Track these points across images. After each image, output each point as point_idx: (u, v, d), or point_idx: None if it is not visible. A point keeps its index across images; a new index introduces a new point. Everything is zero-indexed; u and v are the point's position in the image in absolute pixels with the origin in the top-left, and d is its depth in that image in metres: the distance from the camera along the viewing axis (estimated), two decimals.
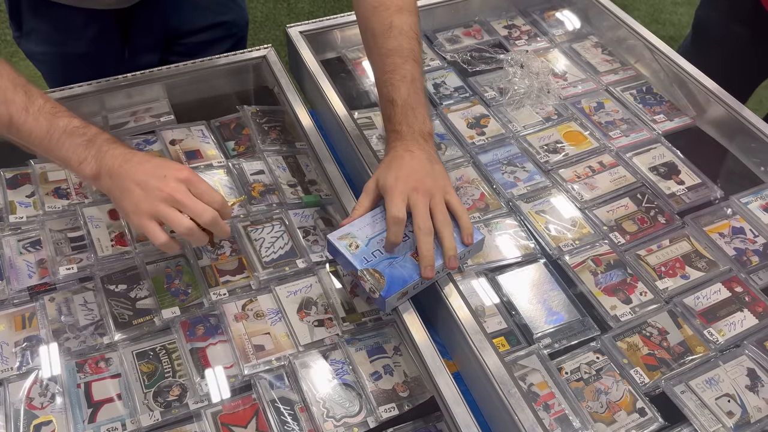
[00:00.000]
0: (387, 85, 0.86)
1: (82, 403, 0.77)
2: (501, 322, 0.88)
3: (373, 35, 0.89)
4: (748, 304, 0.90)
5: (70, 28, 0.75)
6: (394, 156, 0.82)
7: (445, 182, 0.82)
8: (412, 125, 0.84)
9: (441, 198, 0.80)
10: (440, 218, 0.79)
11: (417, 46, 0.89)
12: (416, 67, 0.87)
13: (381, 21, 0.89)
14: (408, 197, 0.79)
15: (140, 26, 1.11)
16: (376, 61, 0.89)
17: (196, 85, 1.17)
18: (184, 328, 0.84)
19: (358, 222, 0.83)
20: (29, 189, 0.99)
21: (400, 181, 0.79)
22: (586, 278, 0.93)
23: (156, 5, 1.09)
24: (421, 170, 0.81)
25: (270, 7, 2.93)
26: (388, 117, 0.86)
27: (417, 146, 0.83)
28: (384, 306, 0.79)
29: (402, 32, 0.88)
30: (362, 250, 0.80)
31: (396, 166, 0.81)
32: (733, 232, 0.99)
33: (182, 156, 1.05)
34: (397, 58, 0.86)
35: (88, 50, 1.05)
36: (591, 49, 1.31)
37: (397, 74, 0.86)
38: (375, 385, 0.80)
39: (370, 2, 0.90)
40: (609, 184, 1.05)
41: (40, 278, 0.89)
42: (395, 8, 0.89)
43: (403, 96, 0.85)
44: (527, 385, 0.81)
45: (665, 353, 0.85)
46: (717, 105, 1.13)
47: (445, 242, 0.79)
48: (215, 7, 1.18)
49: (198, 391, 0.79)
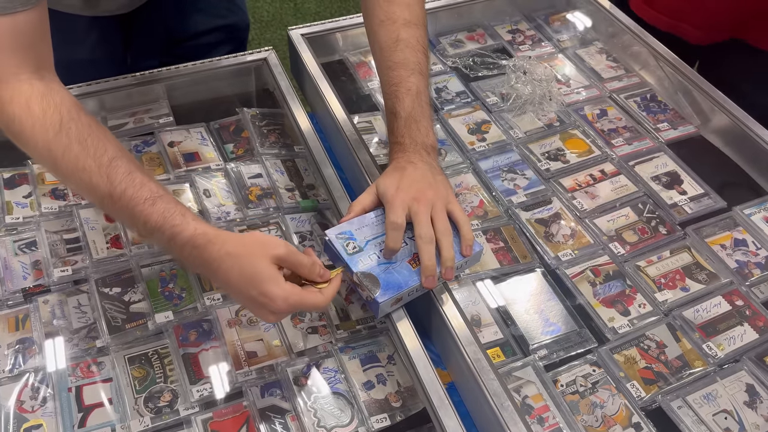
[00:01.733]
0: (392, 98, 0.86)
1: (73, 408, 0.77)
2: (497, 332, 0.87)
3: (380, 48, 0.89)
4: (749, 318, 0.89)
5: (71, 34, 0.74)
6: (395, 167, 0.82)
7: (447, 192, 0.82)
8: (415, 137, 0.83)
9: (442, 207, 0.80)
10: (441, 227, 0.79)
11: (424, 59, 0.89)
12: (422, 80, 0.86)
13: (388, 34, 0.88)
14: (409, 207, 0.78)
15: (141, 31, 1.11)
16: (383, 74, 0.88)
17: (197, 87, 1.16)
18: (177, 333, 0.84)
19: (357, 222, 0.82)
20: (26, 189, 0.99)
21: (401, 191, 0.78)
22: (585, 289, 0.91)
23: (157, 10, 1.08)
24: (423, 181, 0.80)
25: (276, 7, 2.93)
26: (392, 129, 0.86)
27: (419, 158, 0.82)
28: (377, 311, 0.78)
29: (409, 45, 0.87)
30: (360, 253, 0.79)
31: (397, 177, 0.80)
32: (735, 244, 0.98)
33: (180, 158, 1.05)
34: (402, 71, 0.86)
35: (90, 56, 1.05)
36: (595, 55, 1.30)
37: (403, 87, 0.85)
38: (367, 394, 0.79)
39: (378, 16, 0.89)
40: (610, 193, 1.04)
41: (34, 280, 0.89)
42: (402, 21, 0.88)
43: (407, 108, 0.84)
44: (522, 398, 0.80)
45: (663, 367, 0.83)
46: (722, 114, 1.11)
47: (444, 252, 0.78)
48: (216, 11, 1.18)
49: (189, 397, 0.78)
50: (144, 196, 0.72)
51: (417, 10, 0.91)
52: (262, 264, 0.69)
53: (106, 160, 0.72)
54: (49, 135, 0.72)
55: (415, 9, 0.90)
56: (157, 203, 0.72)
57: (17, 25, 0.71)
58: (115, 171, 0.72)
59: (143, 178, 0.73)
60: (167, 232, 0.72)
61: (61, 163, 0.73)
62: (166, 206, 0.72)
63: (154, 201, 0.72)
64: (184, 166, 1.04)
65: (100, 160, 0.72)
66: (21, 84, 0.72)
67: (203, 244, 0.71)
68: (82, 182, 0.73)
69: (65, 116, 0.73)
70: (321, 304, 0.72)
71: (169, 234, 0.72)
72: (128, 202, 0.72)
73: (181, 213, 0.72)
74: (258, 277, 0.69)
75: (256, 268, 0.69)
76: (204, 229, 0.72)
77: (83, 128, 0.73)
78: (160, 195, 0.73)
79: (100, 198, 0.74)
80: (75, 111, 0.74)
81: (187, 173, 1.03)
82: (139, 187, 0.72)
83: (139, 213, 0.72)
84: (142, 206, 0.72)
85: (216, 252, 0.70)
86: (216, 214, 0.97)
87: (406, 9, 0.89)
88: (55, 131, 0.72)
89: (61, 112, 0.73)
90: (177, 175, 1.02)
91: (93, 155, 0.72)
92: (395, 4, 0.89)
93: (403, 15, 0.89)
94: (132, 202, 0.72)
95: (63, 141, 0.72)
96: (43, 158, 0.75)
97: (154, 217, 0.71)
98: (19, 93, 0.72)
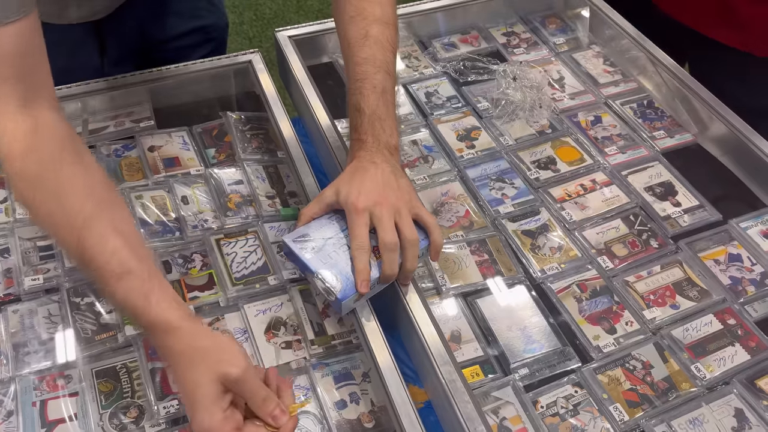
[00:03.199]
0: (356, 93, 0.83)
1: (36, 423, 0.75)
2: (477, 349, 0.84)
3: (348, 44, 0.86)
4: (741, 338, 0.85)
5: (45, 42, 0.71)
6: (357, 167, 0.79)
7: (411, 196, 0.79)
8: (378, 136, 0.80)
9: (408, 213, 0.77)
10: (408, 235, 0.76)
11: (392, 59, 0.86)
12: (388, 78, 0.84)
13: (357, 30, 0.85)
14: (371, 212, 0.75)
15: (117, 37, 1.08)
16: (349, 70, 0.85)
17: (181, 90, 1.14)
18: (147, 346, 0.82)
19: (314, 223, 0.80)
20: (2, 194, 0.97)
21: (362, 196, 0.75)
22: (570, 305, 0.88)
23: (131, 14, 1.06)
24: (385, 184, 0.77)
25: (279, 4, 2.90)
26: (354, 126, 0.83)
27: (381, 158, 0.79)
28: (340, 309, 0.76)
29: (377, 42, 0.84)
30: (319, 253, 0.77)
31: (359, 180, 0.77)
32: (729, 259, 0.94)
33: (160, 163, 1.03)
34: (369, 67, 0.83)
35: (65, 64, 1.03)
36: (592, 60, 1.26)
37: (368, 83, 0.82)
38: (339, 414, 0.77)
39: (348, 12, 0.87)
40: (601, 204, 1.01)
41: (5, 288, 0.87)
42: (373, 18, 0.86)
43: (371, 106, 0.81)
44: (500, 420, 0.77)
45: (648, 389, 0.80)
46: (719, 122, 1.07)
47: (408, 264, 0.76)
48: (192, 12, 1.15)
49: (155, 414, 0.76)
50: (111, 269, 0.66)
51: (388, 9, 0.88)
52: (203, 381, 0.62)
53: (80, 221, 0.67)
54: (26, 184, 0.69)
55: (386, 8, 0.88)
56: (123, 280, 0.66)
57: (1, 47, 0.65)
58: (88, 233, 0.67)
59: (116, 246, 0.67)
60: (130, 312, 0.68)
61: (37, 214, 0.71)
62: (131, 285, 0.66)
63: (119, 277, 0.66)
64: (164, 171, 1.02)
65: (73, 222, 0.67)
66: (4, 121, 0.68)
67: (160, 333, 0.66)
68: (56, 238, 0.72)
69: (47, 163, 0.68)
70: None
71: (131, 314, 0.69)
72: (96, 271, 0.67)
73: (145, 295, 0.66)
74: (192, 395, 0.63)
75: (196, 384, 0.63)
76: (165, 317, 0.66)
77: (63, 177, 0.69)
78: (128, 270, 0.66)
79: (72, 257, 0.72)
80: (59, 153, 0.69)
81: (166, 179, 1.00)
82: (109, 257, 0.66)
83: (105, 285, 0.67)
84: (107, 279, 0.66)
85: (171, 346, 0.66)
86: (193, 222, 0.95)
87: (378, 7, 0.87)
88: (31, 181, 0.69)
89: (42, 157, 0.68)
90: (155, 180, 1.00)
91: (68, 213, 0.68)
92: (366, 1, 0.87)
93: (374, 12, 0.86)
94: (98, 272, 0.67)
95: (39, 195, 0.69)
96: (23, 205, 0.74)
97: (119, 295, 0.67)
98: (1, 132, 0.68)
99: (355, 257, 0.75)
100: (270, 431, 0.65)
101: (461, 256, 0.93)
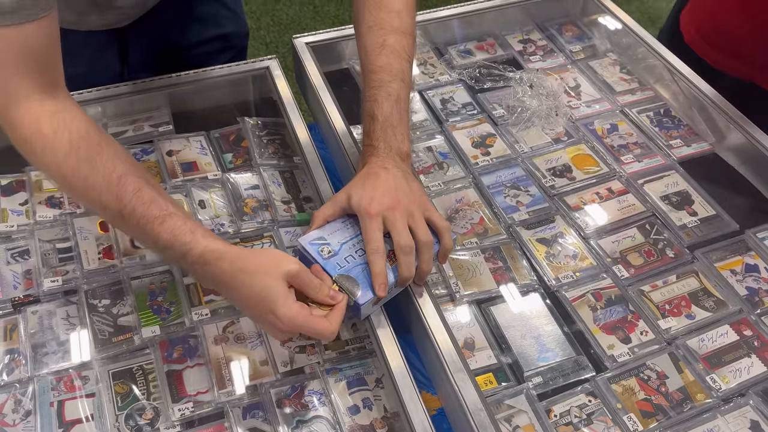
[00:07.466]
0: (371, 100, 0.84)
1: (53, 423, 0.76)
2: (491, 356, 0.84)
3: (365, 53, 0.87)
4: (757, 350, 0.85)
5: (66, 49, 0.73)
6: (368, 172, 0.79)
7: (423, 199, 0.79)
8: (390, 143, 0.81)
9: (421, 216, 0.77)
10: (423, 238, 0.76)
11: (407, 67, 0.86)
12: (403, 87, 0.84)
13: (375, 39, 0.86)
14: (384, 216, 0.76)
15: (138, 44, 1.10)
16: (365, 77, 0.87)
17: (200, 95, 1.15)
18: (163, 348, 0.82)
19: (328, 227, 0.80)
20: (23, 197, 0.99)
21: (375, 201, 0.76)
22: (585, 314, 0.88)
23: (153, 22, 1.07)
24: (397, 188, 0.78)
25: (296, 10, 2.92)
26: (367, 132, 0.84)
27: (393, 163, 0.80)
28: (359, 314, 0.77)
29: (394, 51, 0.85)
30: (335, 256, 0.77)
31: (371, 185, 0.78)
32: (746, 270, 0.94)
33: (178, 167, 1.04)
34: (384, 75, 0.84)
35: (85, 70, 1.05)
36: (609, 67, 1.26)
37: (383, 91, 0.83)
38: (352, 419, 0.77)
39: (367, 22, 0.88)
40: (616, 213, 1.00)
41: (25, 289, 0.88)
42: (390, 28, 0.87)
43: (385, 113, 0.82)
44: (513, 428, 0.77)
45: (663, 399, 0.80)
46: (737, 132, 1.07)
47: (423, 266, 0.77)
48: (214, 20, 1.16)
49: (170, 416, 0.77)
50: (153, 214, 0.71)
51: (407, 19, 0.89)
52: (272, 282, 0.69)
53: (115, 178, 0.72)
54: (58, 156, 0.72)
55: (404, 18, 0.88)
56: (167, 221, 0.71)
57: (27, 39, 0.69)
58: (124, 189, 0.72)
59: (152, 195, 0.72)
60: (177, 250, 0.71)
61: (72, 182, 0.73)
62: (175, 224, 0.72)
63: (163, 219, 0.71)
64: (182, 175, 1.03)
65: (109, 179, 0.72)
66: (31, 105, 0.72)
67: (213, 260, 0.71)
68: (93, 201, 0.74)
69: (74, 136, 0.72)
70: (325, 332, 0.71)
71: (179, 252, 0.72)
72: (138, 221, 0.72)
73: (191, 230, 0.72)
74: (268, 296, 0.69)
75: (267, 286, 0.69)
76: (214, 246, 0.71)
77: (92, 147, 0.73)
78: (170, 212, 0.72)
79: (111, 216, 0.74)
80: (85, 129, 0.73)
81: (184, 183, 1.02)
82: (149, 204, 0.72)
83: (150, 231, 0.72)
84: (151, 225, 0.71)
85: (226, 268, 0.70)
86: (210, 226, 0.96)
87: (396, 17, 0.88)
88: (64, 152, 0.72)
89: (70, 131, 0.72)
90: (173, 185, 1.01)
91: (102, 173, 0.72)
92: (385, 11, 0.88)
93: (392, 22, 0.87)
94: (142, 220, 0.72)
95: (72, 162, 0.72)
96: (56, 179, 0.75)
97: (164, 236, 0.71)
98: (29, 114, 0.72)
99: (371, 261, 0.75)
100: (325, 311, 0.73)
101: (475, 263, 0.93)
